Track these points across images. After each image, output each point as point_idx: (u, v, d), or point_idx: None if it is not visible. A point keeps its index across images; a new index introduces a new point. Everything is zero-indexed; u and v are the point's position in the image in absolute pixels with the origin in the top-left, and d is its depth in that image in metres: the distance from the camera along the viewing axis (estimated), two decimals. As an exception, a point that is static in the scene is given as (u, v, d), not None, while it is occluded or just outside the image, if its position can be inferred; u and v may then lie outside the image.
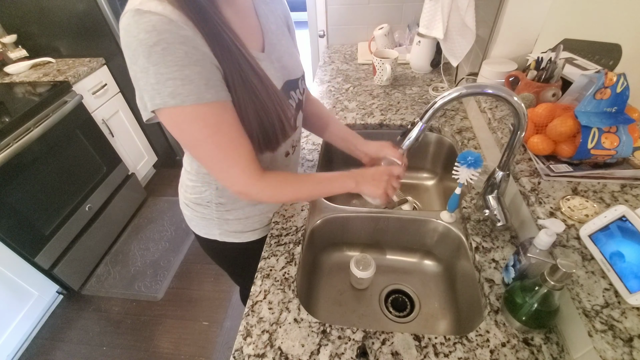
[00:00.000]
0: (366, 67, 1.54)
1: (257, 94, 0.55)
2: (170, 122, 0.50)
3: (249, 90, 0.54)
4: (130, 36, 0.43)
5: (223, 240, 0.80)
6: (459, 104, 1.20)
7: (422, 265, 0.94)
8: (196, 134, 0.50)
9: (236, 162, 0.55)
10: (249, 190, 0.59)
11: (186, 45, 0.45)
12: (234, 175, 0.56)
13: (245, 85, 0.53)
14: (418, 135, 0.63)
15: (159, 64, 0.44)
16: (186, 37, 0.45)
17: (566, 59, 0.83)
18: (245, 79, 0.53)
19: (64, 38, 1.89)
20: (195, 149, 0.53)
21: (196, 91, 0.47)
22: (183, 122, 0.49)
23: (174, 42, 0.44)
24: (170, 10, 0.44)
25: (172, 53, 0.44)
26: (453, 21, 1.03)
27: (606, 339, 0.45)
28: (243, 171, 0.56)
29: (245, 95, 0.54)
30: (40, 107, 1.53)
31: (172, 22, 0.44)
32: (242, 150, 0.55)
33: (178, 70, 0.45)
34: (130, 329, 1.61)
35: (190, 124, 0.49)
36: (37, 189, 1.51)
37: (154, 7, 0.43)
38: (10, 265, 1.43)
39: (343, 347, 0.59)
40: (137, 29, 0.43)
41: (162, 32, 0.43)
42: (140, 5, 0.43)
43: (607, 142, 0.63)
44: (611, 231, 0.52)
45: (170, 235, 2.03)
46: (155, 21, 0.43)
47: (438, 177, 1.21)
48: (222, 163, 0.54)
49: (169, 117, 0.49)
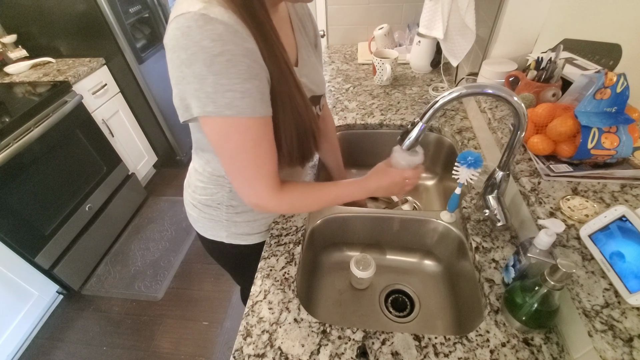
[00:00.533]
0: (366, 67, 1.54)
1: (299, 110, 0.56)
2: (217, 130, 0.50)
3: (293, 106, 0.55)
4: (191, 40, 0.42)
5: (229, 242, 0.80)
6: (459, 104, 1.20)
7: (422, 265, 0.94)
8: (240, 145, 0.51)
9: (262, 176, 0.55)
10: (267, 203, 0.59)
11: (249, 58, 0.45)
12: (257, 187, 0.57)
13: (291, 102, 0.54)
14: (418, 135, 0.63)
15: (220, 74, 0.44)
16: (249, 50, 0.45)
17: (566, 59, 0.83)
18: (291, 95, 0.54)
19: (64, 38, 1.89)
20: (231, 158, 0.53)
21: (252, 105, 0.47)
22: (232, 132, 0.50)
23: (238, 54, 0.44)
24: (235, 20, 0.44)
25: (235, 65, 0.44)
26: (453, 21, 1.03)
27: (606, 339, 0.45)
28: (267, 185, 0.57)
29: (289, 110, 0.55)
30: (40, 107, 1.53)
31: (238, 33, 0.43)
32: (271, 165, 0.55)
33: (240, 83, 0.45)
34: (130, 329, 1.61)
35: (238, 134, 0.50)
36: (37, 189, 1.51)
37: (220, 14, 0.42)
38: (10, 265, 1.43)
39: (343, 347, 0.59)
40: (201, 35, 0.42)
41: (228, 42, 0.43)
42: (206, 10, 0.42)
43: (607, 142, 0.63)
44: (611, 231, 0.52)
45: (171, 235, 2.03)
46: (222, 30, 0.42)
47: (438, 177, 1.21)
48: (251, 174, 0.55)
49: (217, 125, 0.49)
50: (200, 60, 0.43)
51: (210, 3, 0.43)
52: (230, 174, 0.56)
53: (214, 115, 0.47)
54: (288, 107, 0.55)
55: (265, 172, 0.55)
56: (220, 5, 0.44)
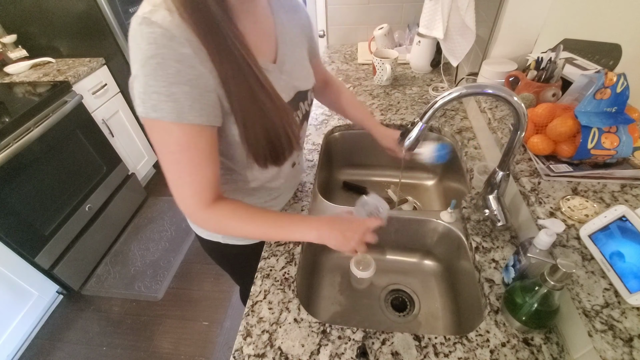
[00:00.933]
0: (366, 67, 1.54)
1: (265, 110, 0.54)
2: (148, 129, 0.50)
3: (257, 107, 0.54)
4: (134, 42, 0.44)
5: (226, 243, 0.80)
6: (459, 104, 1.20)
7: (422, 265, 0.94)
8: (163, 147, 0.51)
9: (188, 185, 0.54)
10: (193, 216, 0.58)
11: (182, 64, 0.45)
12: (182, 196, 0.55)
13: (254, 102, 0.53)
14: (418, 135, 0.63)
15: (149, 76, 0.44)
16: (184, 56, 0.45)
17: (566, 59, 0.83)
18: (253, 96, 0.53)
19: (64, 38, 1.89)
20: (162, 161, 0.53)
21: (178, 110, 0.46)
22: (156, 132, 0.50)
23: (170, 58, 0.44)
24: (178, 22, 0.44)
25: (164, 68, 0.44)
26: (453, 21, 1.03)
27: (606, 339, 0.45)
28: (192, 196, 0.55)
29: (253, 111, 0.53)
30: (40, 107, 1.53)
31: (175, 38, 0.44)
32: (199, 176, 0.54)
33: (165, 86, 0.45)
34: (130, 329, 1.61)
35: (161, 135, 0.50)
36: (37, 189, 1.51)
37: (161, 18, 0.43)
38: (10, 265, 1.43)
39: (343, 347, 0.59)
40: (141, 37, 0.43)
41: (161, 46, 0.43)
42: (150, 14, 0.43)
43: (607, 142, 0.63)
44: (611, 231, 0.52)
45: (170, 235, 2.03)
46: (158, 34, 0.43)
47: (438, 177, 1.21)
48: (176, 181, 0.54)
49: (147, 125, 0.50)
50: (138, 61, 0.44)
51: (158, 6, 0.44)
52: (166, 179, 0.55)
53: (144, 115, 0.47)
54: (251, 109, 0.53)
55: (191, 181, 0.54)
56: (166, 9, 0.44)
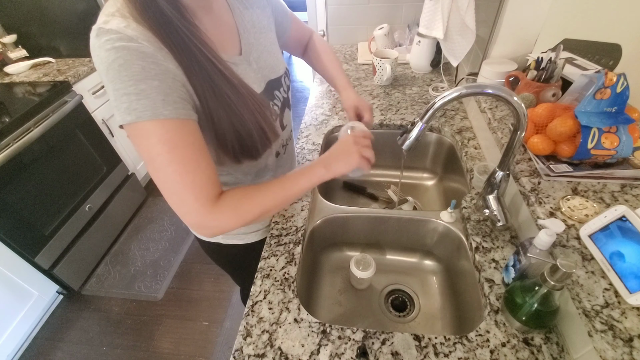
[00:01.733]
0: (366, 67, 1.54)
1: (231, 105, 0.53)
2: (130, 138, 0.47)
3: (222, 102, 0.52)
4: (94, 54, 0.44)
5: (226, 243, 0.80)
6: (459, 104, 1.20)
7: (422, 265, 0.94)
8: (150, 151, 0.47)
9: (188, 187, 0.49)
10: (203, 220, 0.51)
11: (144, 60, 0.44)
12: (186, 200, 0.50)
13: (218, 98, 0.51)
14: (418, 135, 0.63)
15: (115, 80, 0.43)
16: (145, 54, 0.44)
17: (566, 59, 0.83)
18: (217, 92, 0.51)
19: (64, 38, 1.89)
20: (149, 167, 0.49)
21: (152, 106, 0.44)
22: (138, 137, 0.46)
23: (131, 58, 0.43)
24: (134, 27, 0.44)
25: (127, 68, 0.43)
26: (453, 21, 1.03)
27: (606, 339, 0.45)
28: (196, 198, 0.49)
29: (218, 107, 0.52)
30: (40, 107, 1.53)
31: (132, 39, 0.43)
32: (197, 173, 0.49)
33: (133, 84, 0.43)
34: (130, 329, 1.61)
35: (144, 139, 0.46)
36: (37, 189, 1.51)
37: (115, 25, 0.43)
38: (10, 265, 1.43)
39: (343, 347, 0.59)
40: (99, 48, 0.43)
41: (120, 49, 0.42)
42: (104, 23, 0.43)
43: (607, 142, 0.63)
44: (611, 231, 0.52)
45: (170, 235, 2.03)
46: (115, 39, 0.42)
47: (438, 177, 1.21)
48: (174, 186, 0.49)
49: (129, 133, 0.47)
50: (101, 72, 0.44)
51: (112, 15, 0.44)
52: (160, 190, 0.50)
53: (120, 122, 0.45)
54: (217, 104, 0.51)
55: (191, 181, 0.49)
56: (121, 16, 0.44)
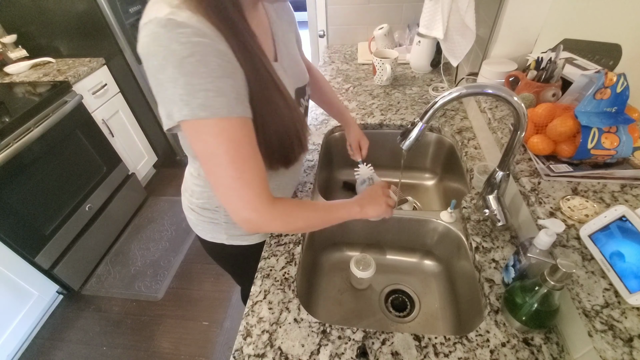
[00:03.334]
0: (366, 67, 1.54)
1: (277, 111, 0.54)
2: (193, 133, 0.48)
3: (272, 108, 0.53)
4: (160, 45, 0.42)
5: (230, 244, 0.80)
6: (459, 104, 1.20)
7: (422, 265, 0.94)
8: (216, 147, 0.48)
9: (249, 183, 0.51)
10: (259, 218, 0.53)
11: (220, 58, 0.44)
12: (245, 197, 0.51)
13: (269, 103, 0.53)
14: (418, 135, 0.63)
15: (191, 75, 0.43)
16: (220, 51, 0.44)
17: (566, 59, 0.83)
18: (268, 97, 0.53)
19: (64, 38, 1.89)
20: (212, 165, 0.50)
21: (227, 104, 0.45)
22: (207, 134, 0.47)
23: (208, 54, 0.43)
24: (204, 22, 0.43)
25: (205, 65, 0.43)
26: (453, 21, 1.03)
27: (606, 339, 0.45)
28: (258, 195, 0.51)
29: (267, 112, 0.53)
30: (40, 107, 1.53)
31: (207, 36, 0.43)
32: (256, 172, 0.51)
33: (211, 82, 0.43)
34: (130, 329, 1.60)
35: (212, 136, 0.47)
36: (37, 189, 1.51)
37: (187, 18, 0.42)
38: (10, 265, 1.43)
39: (343, 347, 0.59)
40: (169, 39, 0.42)
41: (197, 44, 0.42)
42: (173, 14, 0.42)
43: (607, 142, 0.63)
44: (611, 231, 0.52)
45: (170, 235, 2.03)
46: (190, 33, 0.42)
47: (438, 177, 1.21)
48: (235, 182, 0.50)
49: (193, 128, 0.47)
50: (170, 64, 0.42)
51: (178, 7, 0.43)
52: (214, 186, 0.52)
53: (190, 118, 0.45)
54: (266, 109, 0.53)
55: (250, 178, 0.50)
56: (188, 10, 0.43)
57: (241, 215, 0.53)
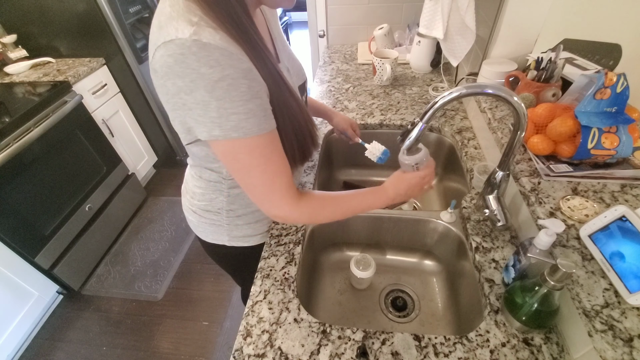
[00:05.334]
0: (366, 67, 1.54)
1: (294, 114, 0.56)
2: (226, 152, 0.51)
3: (288, 111, 0.55)
4: (187, 67, 0.42)
5: (231, 245, 0.80)
6: (459, 104, 1.20)
7: (422, 265, 0.94)
8: (249, 163, 0.51)
9: (278, 189, 0.55)
10: (288, 215, 0.59)
11: (247, 78, 0.45)
12: (274, 201, 0.56)
13: (286, 107, 0.55)
14: (418, 135, 0.63)
15: (223, 99, 0.44)
16: (247, 70, 0.45)
17: (566, 59, 0.83)
18: (285, 101, 0.54)
19: (64, 38, 1.89)
20: (244, 176, 0.54)
21: (257, 123, 0.48)
22: (241, 152, 0.50)
23: (238, 77, 0.44)
24: (227, 40, 0.44)
25: (236, 88, 0.44)
26: (453, 21, 1.03)
27: (606, 339, 0.45)
28: (283, 196, 0.56)
29: (285, 116, 0.55)
30: (40, 107, 1.53)
31: (233, 56, 0.43)
32: (284, 176, 0.55)
33: (242, 105, 0.45)
34: (130, 329, 1.60)
35: (247, 154, 0.50)
36: (37, 189, 1.51)
37: (212, 38, 0.42)
38: (10, 265, 1.43)
39: (343, 347, 0.59)
40: (198, 62, 0.42)
41: (226, 67, 0.43)
42: (197, 35, 0.41)
43: (607, 142, 0.63)
44: (611, 231, 0.52)
45: (170, 235, 2.03)
46: (218, 55, 0.42)
47: (438, 177, 1.21)
48: (266, 189, 0.55)
49: (226, 148, 0.50)
50: (201, 87, 0.43)
51: (199, 26, 0.42)
52: (247, 191, 0.57)
53: (223, 138, 0.47)
54: (285, 114, 0.55)
55: (279, 184, 0.55)
56: (209, 27, 0.43)
57: (273, 214, 0.59)
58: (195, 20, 0.43)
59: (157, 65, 0.45)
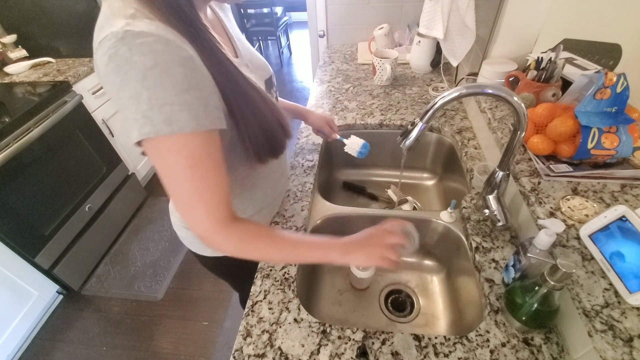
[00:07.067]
0: (366, 67, 1.54)
1: (256, 104, 0.53)
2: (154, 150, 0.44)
3: (249, 103, 0.52)
4: (120, 60, 0.38)
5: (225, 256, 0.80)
6: (459, 104, 1.20)
7: (422, 265, 0.94)
8: (175, 165, 0.44)
9: (204, 203, 0.48)
10: (211, 237, 0.51)
11: (185, 67, 0.41)
12: (197, 216, 0.49)
13: (244, 99, 0.51)
14: (418, 135, 0.63)
15: (154, 88, 0.39)
16: (185, 58, 0.41)
17: (566, 59, 0.83)
18: (243, 92, 0.51)
19: (64, 38, 1.89)
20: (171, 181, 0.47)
21: (194, 118, 0.42)
22: (166, 151, 0.43)
23: (173, 64, 0.39)
24: (164, 28, 0.40)
25: (170, 76, 0.39)
26: (453, 21, 1.03)
27: (606, 339, 0.45)
28: (208, 213, 0.49)
29: (245, 109, 0.51)
30: (40, 107, 1.53)
31: (170, 42, 0.39)
32: (215, 190, 0.48)
33: (177, 95, 0.40)
34: (130, 329, 1.60)
35: (173, 153, 0.43)
36: (37, 189, 1.51)
37: (146, 27, 0.39)
38: (10, 265, 1.43)
39: (343, 347, 0.59)
40: (130, 51, 0.38)
41: (160, 53, 0.38)
42: (129, 25, 0.38)
43: (607, 142, 0.63)
44: (611, 231, 0.52)
45: (170, 235, 2.03)
46: (152, 42, 0.38)
47: (438, 177, 1.21)
48: (190, 200, 0.47)
49: (155, 147, 0.43)
50: (133, 78, 0.38)
51: (133, 17, 0.39)
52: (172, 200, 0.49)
53: (153, 135, 0.41)
54: (244, 104, 0.51)
55: (208, 197, 0.48)
56: (145, 17, 0.40)
57: (195, 231, 0.51)
58: (131, 12, 0.40)
59: (97, 69, 0.41)
